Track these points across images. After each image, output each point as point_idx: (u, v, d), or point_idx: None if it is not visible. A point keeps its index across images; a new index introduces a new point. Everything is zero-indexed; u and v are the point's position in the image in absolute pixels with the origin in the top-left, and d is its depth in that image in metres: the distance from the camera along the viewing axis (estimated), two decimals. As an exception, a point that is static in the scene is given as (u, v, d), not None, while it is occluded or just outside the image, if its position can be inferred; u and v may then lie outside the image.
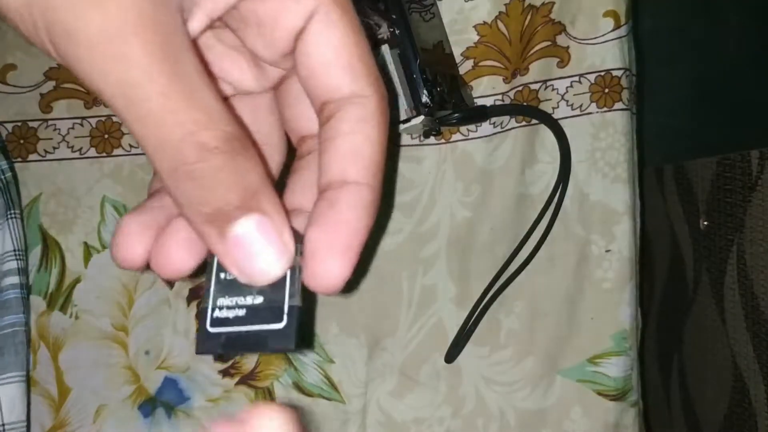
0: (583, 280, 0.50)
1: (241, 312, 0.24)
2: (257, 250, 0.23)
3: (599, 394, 0.50)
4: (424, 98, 0.45)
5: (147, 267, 0.25)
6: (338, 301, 0.50)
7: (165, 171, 0.22)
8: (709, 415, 0.78)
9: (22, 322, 0.49)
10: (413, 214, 0.50)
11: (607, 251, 0.50)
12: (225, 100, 0.29)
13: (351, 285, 0.51)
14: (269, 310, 0.23)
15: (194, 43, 0.25)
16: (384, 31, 0.44)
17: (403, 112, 0.46)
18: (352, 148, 0.25)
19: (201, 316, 0.24)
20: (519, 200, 0.50)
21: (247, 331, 0.23)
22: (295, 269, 0.23)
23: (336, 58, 0.25)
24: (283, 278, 0.23)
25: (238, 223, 0.22)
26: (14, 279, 0.49)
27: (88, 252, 0.51)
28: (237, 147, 0.22)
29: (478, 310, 0.50)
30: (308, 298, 0.26)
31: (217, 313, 0.24)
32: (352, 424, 0.50)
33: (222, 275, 0.24)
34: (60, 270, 0.51)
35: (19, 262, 0.49)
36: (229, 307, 0.24)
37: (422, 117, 0.45)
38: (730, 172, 0.73)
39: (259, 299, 0.24)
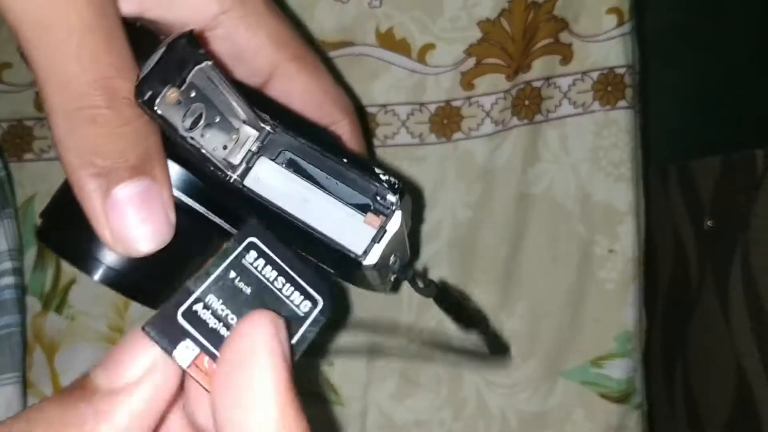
0: (586, 281, 0.49)
1: (220, 327, 0.20)
2: (140, 217, 0.21)
3: (602, 396, 0.49)
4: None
5: None
6: (337, 301, 0.50)
7: (62, 109, 0.21)
8: (714, 417, 0.77)
9: (18, 323, 0.48)
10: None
11: (611, 251, 0.49)
12: None
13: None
14: None
15: None
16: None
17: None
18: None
19: (178, 293, 0.20)
20: (520, 199, 0.49)
21: (205, 351, 0.19)
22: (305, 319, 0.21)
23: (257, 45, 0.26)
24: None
25: (129, 183, 0.21)
26: (9, 279, 0.48)
27: (83, 252, 0.50)
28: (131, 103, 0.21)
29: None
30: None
31: (196, 307, 0.20)
32: (352, 428, 0.49)
33: (231, 274, 0.20)
34: (55, 271, 0.50)
35: (14, 261, 0.48)
36: (212, 312, 0.20)
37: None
38: (735, 171, 0.72)
39: None
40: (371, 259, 0.24)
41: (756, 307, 0.66)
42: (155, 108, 0.21)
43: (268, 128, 0.25)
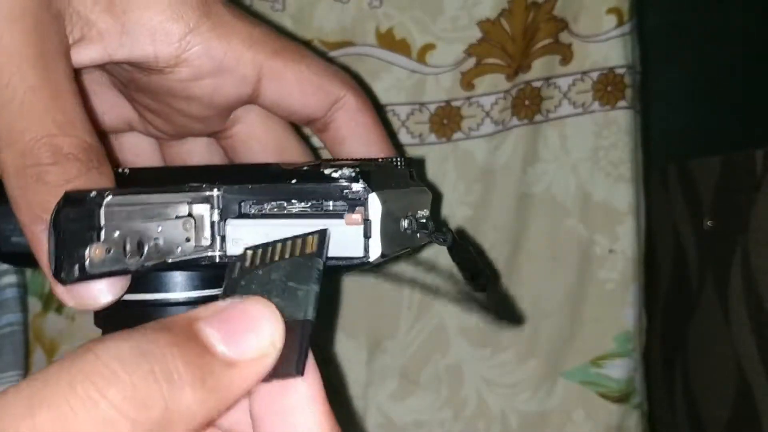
0: (586, 281, 0.49)
1: None
2: None
3: (602, 396, 0.49)
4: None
5: None
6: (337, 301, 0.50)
7: (11, 167, 0.22)
8: (714, 417, 0.77)
9: (20, 321, 0.48)
10: (414, 213, 0.50)
11: (611, 251, 0.49)
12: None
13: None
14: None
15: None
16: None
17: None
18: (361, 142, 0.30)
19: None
20: (520, 199, 0.49)
21: None
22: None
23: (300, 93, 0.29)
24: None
25: None
26: (11, 278, 0.48)
27: (84, 252, 0.50)
28: (93, 160, 0.22)
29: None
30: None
31: None
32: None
33: None
34: (55, 270, 0.50)
35: None
36: None
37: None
38: (735, 172, 0.72)
39: None
40: (374, 254, 0.23)
41: (756, 307, 0.66)
42: (90, 274, 0.20)
43: (215, 192, 0.24)
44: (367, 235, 0.23)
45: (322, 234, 0.22)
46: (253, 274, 0.22)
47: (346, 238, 0.23)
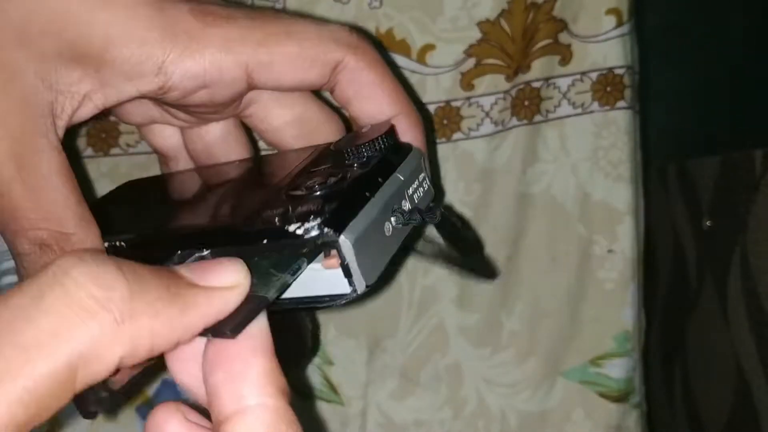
0: (585, 281, 0.50)
1: None
2: None
3: (601, 395, 0.49)
4: None
5: None
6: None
7: (9, 249, 0.25)
8: (713, 416, 0.77)
9: None
10: (413, 213, 0.50)
11: (610, 251, 0.49)
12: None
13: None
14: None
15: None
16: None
17: None
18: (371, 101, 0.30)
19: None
20: (520, 199, 0.50)
21: None
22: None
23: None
24: None
25: None
26: (12, 278, 0.48)
27: (84, 252, 0.51)
28: (68, 248, 0.25)
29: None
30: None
31: None
32: (352, 427, 0.50)
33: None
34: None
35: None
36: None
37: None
38: (734, 171, 0.72)
39: None
40: (360, 287, 0.24)
41: (755, 306, 0.67)
42: (108, 409, 0.22)
43: (205, 252, 0.25)
44: (347, 275, 0.23)
45: (316, 247, 0.23)
46: (250, 261, 0.23)
47: (330, 279, 0.24)
